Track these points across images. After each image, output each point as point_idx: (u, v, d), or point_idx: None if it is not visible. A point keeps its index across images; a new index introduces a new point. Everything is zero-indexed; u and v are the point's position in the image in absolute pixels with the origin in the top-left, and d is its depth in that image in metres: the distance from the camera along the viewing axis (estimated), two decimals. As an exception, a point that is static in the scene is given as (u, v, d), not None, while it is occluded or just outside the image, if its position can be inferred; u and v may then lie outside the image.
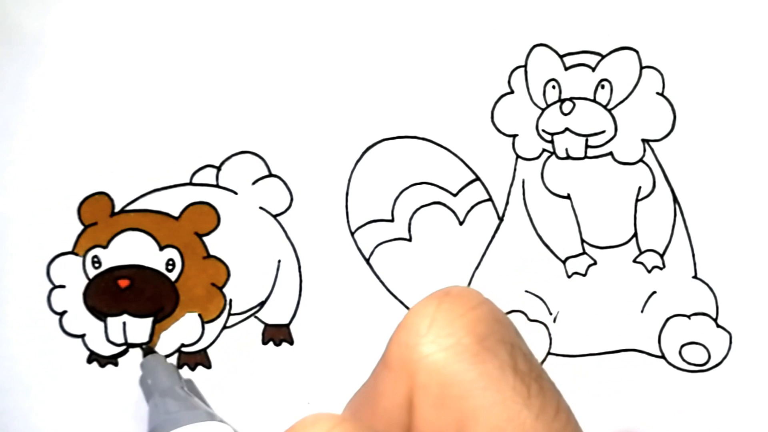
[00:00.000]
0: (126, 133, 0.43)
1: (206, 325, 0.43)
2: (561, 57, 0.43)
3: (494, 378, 0.22)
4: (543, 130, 0.43)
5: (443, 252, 0.43)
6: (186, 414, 0.37)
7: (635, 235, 0.43)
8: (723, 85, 0.42)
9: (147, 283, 0.42)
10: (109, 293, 0.42)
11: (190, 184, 0.43)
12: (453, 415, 0.22)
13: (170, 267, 0.42)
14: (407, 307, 0.43)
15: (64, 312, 0.42)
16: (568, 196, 0.43)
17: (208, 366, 0.42)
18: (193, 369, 0.42)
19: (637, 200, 0.43)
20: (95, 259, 0.42)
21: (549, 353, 0.43)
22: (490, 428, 0.21)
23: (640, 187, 0.43)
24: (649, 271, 0.42)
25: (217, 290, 0.43)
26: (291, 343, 0.43)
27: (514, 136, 0.43)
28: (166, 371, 0.41)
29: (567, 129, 0.43)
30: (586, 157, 0.43)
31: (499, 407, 0.22)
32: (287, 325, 0.43)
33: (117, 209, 0.43)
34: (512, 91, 0.43)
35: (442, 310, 0.23)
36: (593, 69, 0.42)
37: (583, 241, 0.43)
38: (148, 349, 0.42)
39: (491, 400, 0.22)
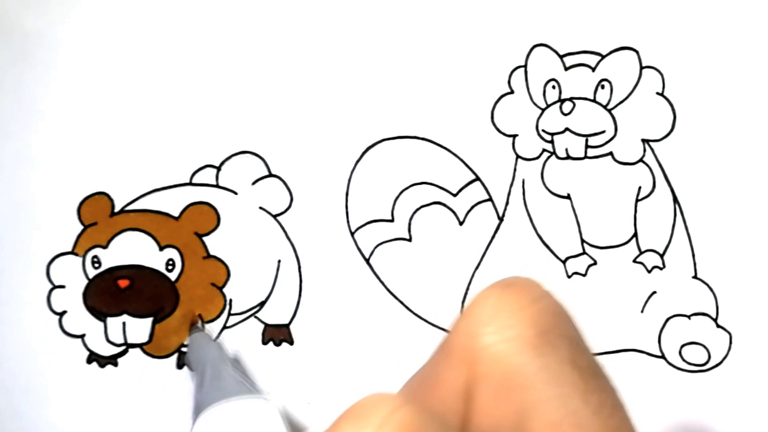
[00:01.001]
0: (126, 133, 0.43)
1: (206, 326, 0.43)
2: (561, 57, 0.43)
3: (554, 372, 0.22)
4: (543, 130, 0.43)
5: (443, 252, 0.43)
6: (234, 388, 0.37)
7: (635, 235, 0.43)
8: (723, 85, 0.42)
9: (147, 283, 0.42)
10: (109, 293, 0.42)
11: (190, 184, 0.43)
12: (512, 407, 0.22)
13: (170, 267, 0.42)
14: (407, 307, 0.43)
15: (64, 312, 0.42)
16: (568, 196, 0.43)
17: (208, 366, 0.42)
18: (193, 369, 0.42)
19: (637, 200, 0.43)
20: (95, 259, 0.42)
21: (549, 353, 0.43)
22: (549, 422, 0.22)
23: (640, 187, 0.43)
24: (649, 271, 0.42)
25: (217, 290, 0.43)
26: (291, 343, 0.43)
27: (514, 136, 0.43)
28: (215, 347, 0.41)
29: (567, 129, 0.43)
30: (586, 157, 0.43)
31: (557, 401, 0.22)
32: (287, 325, 0.43)
33: (117, 209, 0.43)
34: (512, 91, 0.43)
35: (505, 301, 0.23)
36: (593, 69, 0.42)
37: (583, 241, 0.43)
38: (195, 327, 0.42)
39: (551, 393, 0.22)
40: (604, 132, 0.42)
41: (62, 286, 0.42)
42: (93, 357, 0.42)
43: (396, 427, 0.20)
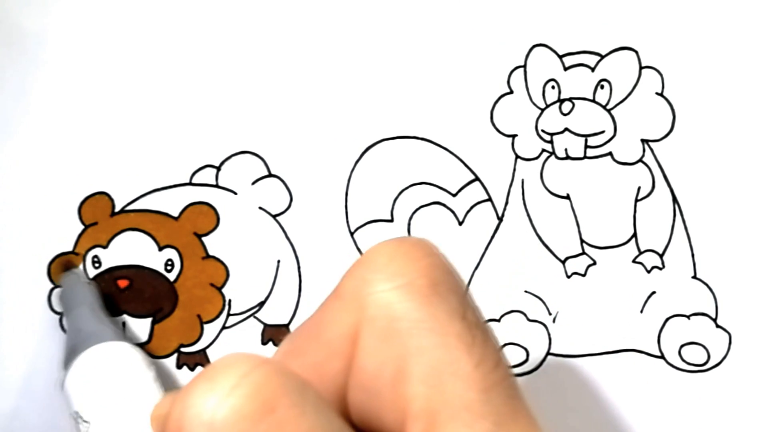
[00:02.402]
0: (126, 133, 0.43)
1: (205, 326, 0.43)
2: (560, 57, 0.43)
3: (441, 321, 0.22)
4: (542, 131, 0.43)
5: (443, 252, 0.43)
6: (103, 332, 0.38)
7: (635, 235, 0.43)
8: (723, 85, 0.42)
9: (146, 284, 0.42)
10: (109, 293, 0.42)
11: (190, 184, 0.43)
12: (395, 350, 0.22)
13: (169, 267, 0.42)
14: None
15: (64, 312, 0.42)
16: (567, 197, 0.43)
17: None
18: (192, 369, 0.42)
19: (636, 200, 0.43)
20: (95, 259, 0.42)
21: (548, 353, 0.43)
22: (429, 368, 0.22)
23: (639, 188, 0.43)
24: (649, 272, 0.42)
25: (216, 290, 0.43)
26: (290, 343, 0.43)
27: (514, 136, 0.43)
28: (85, 288, 0.41)
29: (566, 129, 0.43)
30: (585, 157, 0.43)
31: (441, 350, 0.22)
32: (287, 326, 0.43)
33: (117, 209, 0.43)
34: (511, 92, 0.43)
35: (399, 252, 0.23)
36: (593, 69, 0.42)
37: (582, 241, 0.43)
38: (69, 263, 0.42)
39: (434, 341, 0.22)
40: (603, 132, 0.42)
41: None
42: (93, 357, 0.42)
43: (249, 388, 0.19)
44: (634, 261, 0.43)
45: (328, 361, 0.23)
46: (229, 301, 0.43)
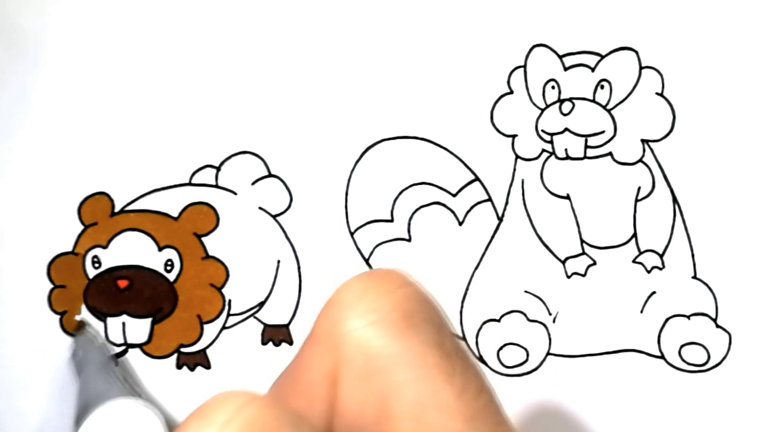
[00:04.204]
0: (126, 133, 0.43)
1: (205, 326, 0.43)
2: (560, 57, 0.43)
3: (418, 354, 0.22)
4: (542, 131, 0.43)
5: (443, 252, 0.43)
6: (113, 391, 0.38)
7: (635, 235, 0.43)
8: (722, 85, 0.42)
9: (146, 284, 0.42)
10: (109, 293, 0.42)
11: (190, 184, 0.43)
12: (375, 389, 0.22)
13: (169, 268, 0.42)
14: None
15: (64, 312, 0.42)
16: (567, 197, 0.43)
17: (207, 366, 0.43)
18: (192, 369, 0.42)
19: (636, 200, 0.43)
20: (95, 259, 0.42)
21: (548, 353, 0.43)
22: (412, 403, 0.21)
23: (639, 188, 0.43)
24: (649, 272, 0.42)
25: (216, 291, 0.43)
26: (290, 343, 0.43)
27: (514, 136, 0.43)
28: (98, 348, 0.41)
29: (566, 129, 0.43)
30: (585, 157, 0.43)
31: (421, 383, 0.22)
32: (287, 326, 0.43)
33: (117, 209, 0.43)
34: (512, 92, 0.43)
35: (369, 286, 0.23)
36: (593, 69, 0.42)
37: (582, 241, 0.43)
38: (81, 323, 0.42)
39: (414, 375, 0.22)
40: (603, 132, 0.42)
41: (62, 286, 0.42)
42: (93, 357, 0.42)
43: (242, 423, 0.19)
44: (634, 261, 0.43)
45: (310, 406, 0.23)
46: (229, 301, 0.43)
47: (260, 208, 0.43)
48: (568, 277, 0.43)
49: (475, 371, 0.23)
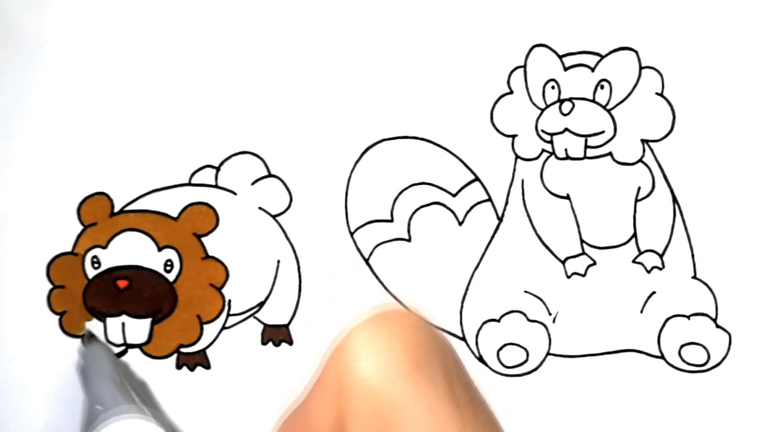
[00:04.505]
0: (126, 133, 0.43)
1: (205, 326, 0.43)
2: (560, 57, 0.43)
3: (430, 403, 0.22)
4: (542, 131, 0.43)
5: (443, 252, 0.43)
6: (119, 408, 0.37)
7: (635, 235, 0.43)
8: (722, 85, 0.42)
9: (145, 284, 0.42)
10: (109, 294, 0.42)
11: (189, 184, 0.43)
12: None
13: (168, 268, 0.42)
14: (407, 307, 0.43)
15: (64, 312, 0.42)
16: (567, 197, 0.43)
17: (207, 366, 0.43)
18: (192, 369, 0.42)
19: (636, 200, 0.43)
20: (95, 260, 0.42)
21: (548, 353, 0.43)
22: None
23: (639, 188, 0.42)
24: (649, 272, 0.42)
25: (216, 291, 0.43)
26: (290, 343, 0.43)
27: (514, 136, 0.43)
28: (106, 362, 0.41)
29: (566, 129, 0.42)
30: (585, 157, 0.43)
31: (432, 430, 0.22)
32: (286, 326, 0.43)
33: (117, 209, 0.43)
34: (512, 92, 0.43)
35: (382, 333, 0.23)
36: (593, 69, 0.42)
37: (582, 241, 0.43)
38: (89, 335, 0.42)
39: (425, 424, 0.22)
40: (603, 132, 0.42)
41: (62, 286, 0.42)
42: (93, 357, 0.42)
43: None
44: (634, 261, 0.43)
45: None
46: (229, 301, 0.43)
47: (260, 208, 0.43)
48: (568, 277, 0.43)
49: (485, 416, 0.23)
